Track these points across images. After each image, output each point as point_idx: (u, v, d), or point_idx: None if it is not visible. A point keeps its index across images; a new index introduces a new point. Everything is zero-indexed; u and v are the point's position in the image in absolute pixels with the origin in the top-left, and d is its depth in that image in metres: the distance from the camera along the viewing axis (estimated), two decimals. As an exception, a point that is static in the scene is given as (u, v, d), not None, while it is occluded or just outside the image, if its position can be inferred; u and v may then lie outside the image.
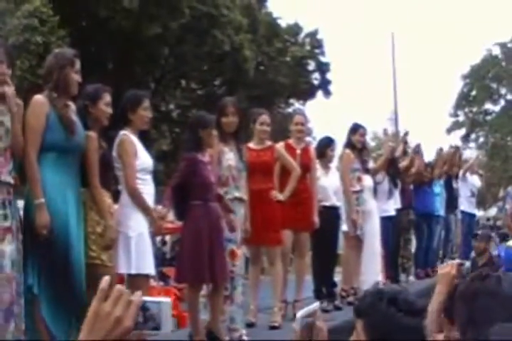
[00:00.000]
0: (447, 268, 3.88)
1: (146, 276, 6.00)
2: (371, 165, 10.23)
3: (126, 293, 1.72)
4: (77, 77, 5.44)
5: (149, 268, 5.90)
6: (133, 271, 5.76)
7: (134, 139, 5.98)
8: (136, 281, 5.83)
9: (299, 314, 2.77)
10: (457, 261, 4.24)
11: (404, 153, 11.84)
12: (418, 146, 12.23)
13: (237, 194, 6.94)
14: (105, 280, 1.74)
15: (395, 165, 10.92)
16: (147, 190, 5.99)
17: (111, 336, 1.67)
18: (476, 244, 10.88)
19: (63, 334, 5.02)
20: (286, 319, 8.13)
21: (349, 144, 9.50)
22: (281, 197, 7.66)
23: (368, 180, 9.81)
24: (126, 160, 5.86)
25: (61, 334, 5.03)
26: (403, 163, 11.64)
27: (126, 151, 5.88)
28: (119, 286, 1.74)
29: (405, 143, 12.62)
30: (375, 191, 10.06)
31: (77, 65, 5.47)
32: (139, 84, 24.76)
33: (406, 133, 13.46)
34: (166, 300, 1.79)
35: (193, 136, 6.53)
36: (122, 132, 5.98)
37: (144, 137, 6.20)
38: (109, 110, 5.78)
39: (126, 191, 5.89)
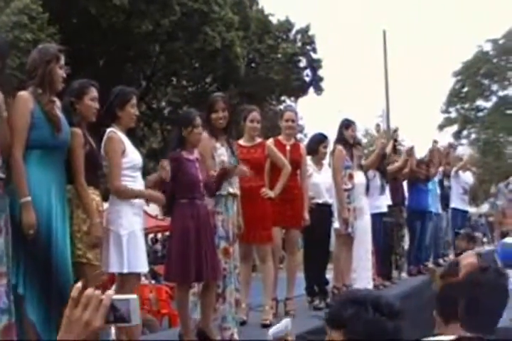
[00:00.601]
0: (470, 258, 3.96)
1: (138, 275, 5.95)
2: (362, 161, 10.19)
3: (95, 297, 1.94)
4: (61, 73, 5.37)
5: (142, 266, 5.85)
6: (125, 270, 5.70)
7: (122, 136, 5.92)
8: (127, 280, 5.79)
9: (271, 331, 2.83)
10: (476, 250, 4.54)
11: (394, 150, 11.81)
12: (411, 149, 12.18)
13: (230, 189, 6.88)
14: (76, 288, 1.96)
15: (383, 161, 10.91)
16: (137, 187, 5.94)
17: (82, 336, 1.93)
18: (457, 242, 10.70)
19: (50, 333, 4.95)
20: (278, 317, 8.11)
21: (341, 140, 9.39)
22: (271, 194, 7.61)
23: (360, 177, 9.78)
24: (113, 159, 5.80)
25: (48, 333, 4.96)
26: (396, 165, 11.66)
27: (113, 150, 5.82)
28: (88, 292, 1.95)
29: (395, 140, 12.61)
30: (367, 187, 10.03)
31: (62, 60, 5.40)
32: (130, 82, 24.74)
33: (395, 130, 13.47)
34: (133, 296, 2.00)
35: (177, 135, 6.52)
36: (109, 129, 5.92)
37: (134, 134, 6.15)
38: (96, 105, 5.70)
39: (111, 190, 5.84)
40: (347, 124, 9.45)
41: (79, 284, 1.99)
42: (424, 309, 6.06)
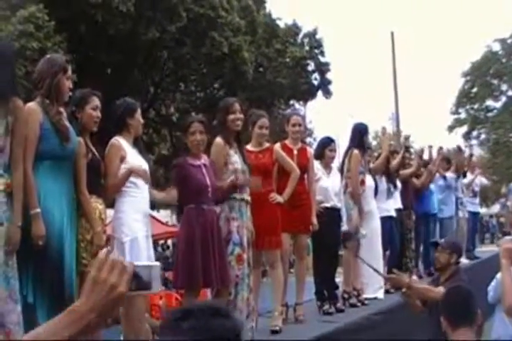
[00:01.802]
0: (509, 244, 4.29)
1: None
2: (370, 164, 10.18)
3: (120, 263, 1.96)
4: (68, 84, 5.41)
5: None
6: None
7: (126, 144, 5.95)
8: None
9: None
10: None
11: (403, 158, 11.82)
12: (426, 162, 12.35)
13: (245, 196, 6.87)
14: (103, 252, 1.99)
15: (389, 165, 10.91)
16: (139, 193, 5.94)
17: (106, 300, 1.93)
18: (436, 254, 7.64)
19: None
20: (288, 322, 8.07)
21: (360, 145, 9.49)
22: (280, 199, 7.56)
23: (369, 180, 9.77)
24: (108, 165, 5.87)
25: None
26: (409, 170, 11.74)
27: (109, 156, 5.89)
28: (113, 256, 1.98)
29: (407, 148, 12.63)
30: (375, 191, 10.02)
31: (69, 71, 5.43)
32: (139, 88, 24.76)
33: (407, 138, 13.44)
34: (155, 264, 2.08)
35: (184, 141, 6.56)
36: (114, 138, 5.96)
37: (143, 141, 6.22)
38: (97, 114, 5.75)
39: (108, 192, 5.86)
40: (366, 130, 9.55)
41: (105, 249, 2.09)
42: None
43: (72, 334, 1.91)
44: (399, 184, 11.23)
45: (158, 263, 2.08)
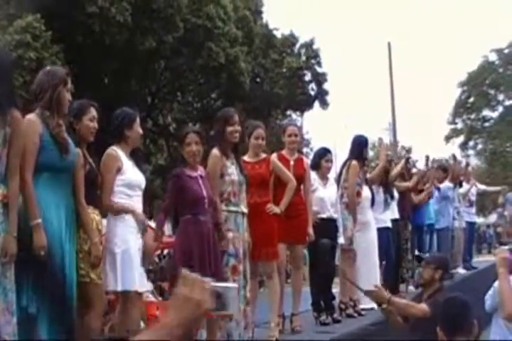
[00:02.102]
0: (503, 253, 4.40)
1: (136, 293, 5.91)
2: (367, 175, 10.18)
3: (199, 280, 2.06)
4: (68, 96, 5.41)
5: (137, 285, 5.81)
6: (119, 289, 5.71)
7: (122, 155, 5.95)
8: (127, 298, 5.79)
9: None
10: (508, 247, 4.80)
11: (407, 170, 11.89)
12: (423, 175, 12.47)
13: (240, 208, 6.86)
14: (184, 270, 2.12)
15: (387, 176, 10.92)
16: (133, 205, 5.94)
17: (193, 316, 2.01)
18: (420, 269, 7.90)
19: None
20: (284, 333, 8.05)
21: (359, 157, 9.52)
22: (277, 210, 7.55)
23: (365, 191, 9.77)
24: (104, 175, 5.87)
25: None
26: (405, 184, 11.80)
27: (106, 166, 5.88)
28: (191, 274, 2.08)
29: (407, 159, 12.70)
30: (372, 202, 10.02)
31: (69, 83, 5.43)
32: (136, 98, 24.77)
33: (408, 150, 13.53)
34: (234, 285, 2.16)
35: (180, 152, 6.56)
36: (111, 147, 5.95)
37: (141, 152, 6.20)
38: (95, 125, 5.77)
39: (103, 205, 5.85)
40: (366, 142, 9.60)
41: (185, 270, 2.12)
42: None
43: None
44: (396, 194, 11.25)
45: (236, 285, 2.14)
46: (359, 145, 9.54)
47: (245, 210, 6.94)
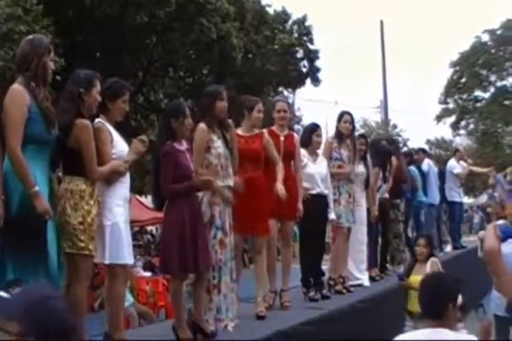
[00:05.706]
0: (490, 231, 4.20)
1: (123, 266, 5.89)
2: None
3: None
4: (51, 65, 5.35)
5: (125, 258, 5.79)
6: (106, 261, 5.69)
7: (110, 127, 5.88)
8: (113, 271, 5.79)
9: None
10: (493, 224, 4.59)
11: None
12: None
13: (227, 182, 6.82)
14: None
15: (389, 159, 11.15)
16: (123, 178, 5.91)
17: None
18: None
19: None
20: (273, 308, 8.07)
21: (336, 132, 9.73)
22: (284, 194, 7.60)
23: (360, 169, 9.84)
24: (102, 148, 5.74)
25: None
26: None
27: (101, 140, 5.76)
28: None
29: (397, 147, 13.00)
30: (367, 181, 10.11)
31: (52, 52, 5.36)
32: (127, 73, 24.62)
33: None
34: None
35: (166, 126, 6.45)
36: (97, 120, 5.87)
37: (130, 126, 6.13)
38: (100, 98, 5.70)
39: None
40: (340, 115, 9.60)
41: None
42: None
43: None
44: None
45: None
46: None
47: (231, 184, 6.89)
